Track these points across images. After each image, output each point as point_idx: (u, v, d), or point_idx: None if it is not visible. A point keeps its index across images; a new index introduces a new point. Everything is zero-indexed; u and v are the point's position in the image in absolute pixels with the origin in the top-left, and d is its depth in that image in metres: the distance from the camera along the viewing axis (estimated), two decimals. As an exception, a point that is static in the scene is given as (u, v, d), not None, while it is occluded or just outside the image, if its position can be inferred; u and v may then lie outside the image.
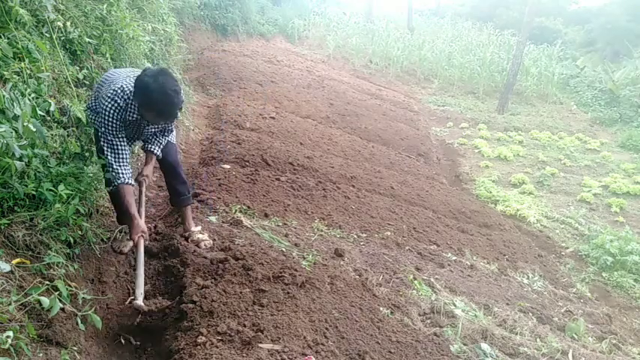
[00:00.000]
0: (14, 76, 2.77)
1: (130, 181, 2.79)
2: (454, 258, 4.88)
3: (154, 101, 2.59)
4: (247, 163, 5.57)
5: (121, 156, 2.74)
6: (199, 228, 3.44)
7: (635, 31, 19.79)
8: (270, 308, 2.82)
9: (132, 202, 2.83)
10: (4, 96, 2.40)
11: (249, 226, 3.98)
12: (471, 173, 9.29)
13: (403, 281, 3.81)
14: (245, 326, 2.58)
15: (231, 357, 2.32)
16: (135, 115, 2.75)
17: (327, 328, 2.80)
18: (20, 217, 2.44)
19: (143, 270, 2.83)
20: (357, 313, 3.06)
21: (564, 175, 9.71)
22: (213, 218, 4.06)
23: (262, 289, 2.98)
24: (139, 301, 2.68)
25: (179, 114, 2.80)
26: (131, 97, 2.70)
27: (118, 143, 2.71)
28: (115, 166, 2.74)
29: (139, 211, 2.95)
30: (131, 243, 3.06)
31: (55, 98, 3.26)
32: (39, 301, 2.14)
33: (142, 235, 2.87)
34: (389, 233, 4.89)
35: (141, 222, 2.87)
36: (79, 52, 3.89)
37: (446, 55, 17.37)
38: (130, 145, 2.98)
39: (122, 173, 2.76)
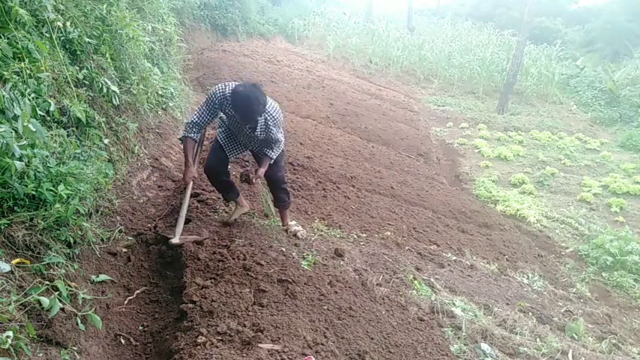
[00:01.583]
0: (14, 76, 2.77)
1: (194, 137, 3.51)
2: (454, 258, 4.88)
3: (238, 103, 3.22)
4: (247, 163, 5.57)
5: (200, 123, 3.49)
6: (294, 222, 4.10)
7: (635, 31, 19.78)
8: (270, 308, 2.82)
9: (190, 152, 3.56)
10: (3, 96, 2.40)
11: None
12: (470, 173, 9.29)
13: (403, 281, 3.81)
14: (245, 326, 2.58)
15: (231, 357, 2.32)
16: (231, 111, 3.42)
17: (327, 328, 2.80)
18: (20, 217, 2.43)
19: (186, 211, 3.53)
20: (357, 313, 3.06)
21: (564, 175, 9.72)
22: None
23: (262, 289, 2.98)
24: (176, 240, 3.34)
25: (254, 119, 3.35)
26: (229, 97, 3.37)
27: (206, 116, 3.48)
28: (192, 125, 3.49)
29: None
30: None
31: (54, 98, 3.26)
32: (39, 301, 2.14)
33: (193, 179, 3.55)
34: (389, 233, 4.89)
35: (192, 168, 3.57)
36: (78, 52, 3.89)
37: (446, 55, 17.37)
38: (241, 152, 3.79)
39: (193, 132, 3.50)
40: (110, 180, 3.56)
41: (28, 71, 2.92)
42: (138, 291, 3.14)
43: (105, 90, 4.02)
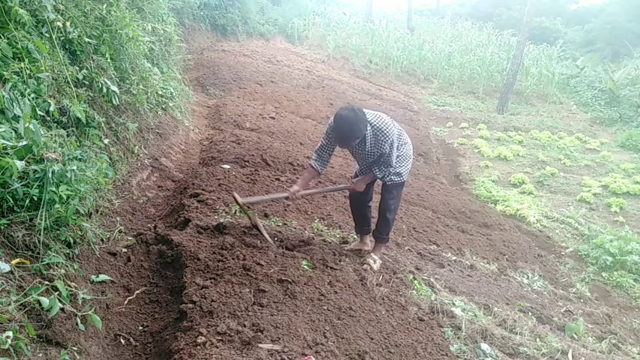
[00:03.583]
0: (14, 76, 2.77)
1: (314, 165, 3.71)
2: (454, 258, 4.88)
3: (336, 127, 3.44)
4: (247, 163, 5.57)
5: (321, 148, 3.69)
6: (377, 257, 3.97)
7: (635, 31, 19.78)
8: (270, 308, 2.81)
9: (305, 177, 3.80)
10: (3, 96, 2.40)
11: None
12: (470, 173, 9.29)
13: (403, 281, 3.81)
14: (245, 326, 2.58)
15: (231, 357, 2.31)
16: None
17: (326, 328, 2.80)
18: (20, 217, 2.43)
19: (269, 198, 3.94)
20: (357, 313, 3.06)
21: (564, 175, 9.72)
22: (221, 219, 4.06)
23: (262, 289, 2.98)
24: (241, 199, 3.72)
25: (350, 144, 3.50)
26: None
27: (324, 143, 3.66)
28: (316, 152, 3.72)
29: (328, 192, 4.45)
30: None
31: (54, 98, 3.26)
32: (39, 301, 2.14)
33: (292, 196, 3.71)
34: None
35: (294, 188, 3.73)
36: (78, 52, 3.89)
37: (446, 55, 17.38)
38: (369, 169, 3.77)
39: (314, 159, 3.71)
40: (110, 180, 3.56)
41: (28, 71, 2.92)
42: (138, 291, 3.14)
43: (105, 90, 4.02)
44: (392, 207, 3.88)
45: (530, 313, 4.05)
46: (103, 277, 2.97)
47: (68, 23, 3.71)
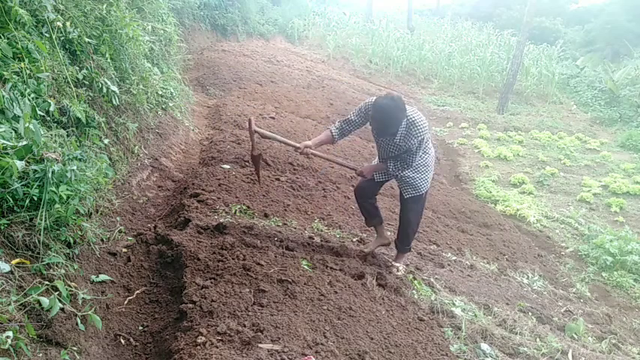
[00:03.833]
0: (14, 76, 2.77)
1: (333, 131, 3.71)
2: (454, 258, 4.87)
3: (375, 115, 3.33)
4: (247, 163, 5.57)
5: (345, 124, 3.69)
6: (399, 265, 4.02)
7: (635, 31, 19.78)
8: (270, 308, 2.82)
9: (319, 137, 3.80)
10: (3, 96, 2.40)
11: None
12: (470, 173, 9.30)
13: (403, 281, 3.81)
14: (245, 326, 2.58)
15: (231, 357, 2.32)
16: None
17: (326, 328, 2.80)
18: (20, 217, 2.43)
19: (278, 138, 3.87)
20: (357, 313, 3.06)
21: (564, 175, 9.72)
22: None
23: (262, 289, 2.98)
24: (252, 119, 3.77)
25: (388, 133, 3.41)
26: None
27: (352, 118, 3.64)
28: (340, 121, 3.74)
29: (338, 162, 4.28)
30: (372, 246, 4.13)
31: (54, 98, 3.26)
32: (39, 301, 2.14)
33: (304, 148, 3.71)
34: (389, 233, 4.89)
35: (306, 143, 3.72)
36: (78, 52, 3.89)
37: (446, 55, 17.38)
38: (384, 160, 3.72)
39: (336, 127, 3.72)
40: (110, 180, 3.56)
41: (28, 71, 2.92)
42: (138, 291, 3.14)
43: (105, 90, 4.02)
44: (412, 221, 3.86)
45: (530, 313, 4.05)
46: (103, 277, 2.98)
47: (68, 23, 3.71)
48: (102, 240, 3.24)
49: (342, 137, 3.73)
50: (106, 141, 3.97)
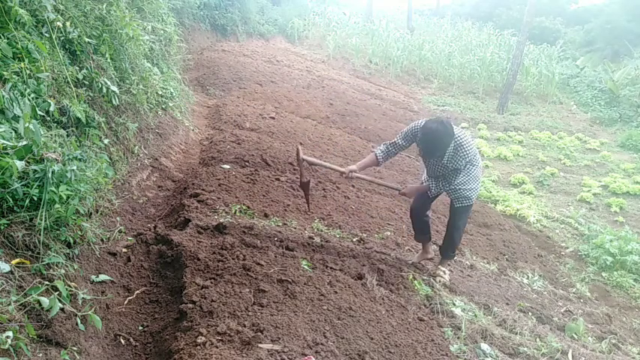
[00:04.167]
0: (14, 76, 2.77)
1: (378, 154, 3.83)
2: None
3: (423, 138, 3.48)
4: (247, 163, 5.57)
5: (391, 146, 3.81)
6: (445, 269, 4.17)
7: (635, 31, 19.78)
8: (270, 308, 2.82)
9: (364, 161, 3.93)
10: (3, 96, 2.40)
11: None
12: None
13: (403, 281, 3.81)
14: (245, 326, 2.58)
15: (231, 357, 2.32)
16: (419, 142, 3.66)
17: (326, 328, 2.80)
18: (20, 217, 2.43)
19: (324, 164, 4.07)
20: (357, 313, 3.06)
21: (564, 175, 9.72)
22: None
23: (262, 289, 2.98)
24: (300, 147, 3.92)
25: (435, 155, 3.55)
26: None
27: (398, 142, 3.76)
28: (382, 146, 3.85)
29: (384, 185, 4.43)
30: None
31: (54, 98, 3.26)
32: (39, 301, 2.14)
33: (349, 172, 3.84)
34: (389, 233, 4.89)
35: (351, 167, 3.88)
36: (78, 52, 3.89)
37: (446, 55, 17.37)
38: (433, 180, 3.82)
39: (381, 150, 3.84)
40: (110, 180, 3.56)
41: (28, 71, 2.92)
42: (138, 291, 3.14)
43: (105, 90, 4.02)
44: (460, 228, 4.02)
45: (530, 313, 4.05)
46: (103, 277, 2.98)
47: (68, 23, 3.71)
48: (102, 240, 3.24)
49: (386, 160, 3.87)
50: (106, 141, 3.97)
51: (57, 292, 2.29)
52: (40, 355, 2.11)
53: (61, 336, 2.25)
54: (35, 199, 2.45)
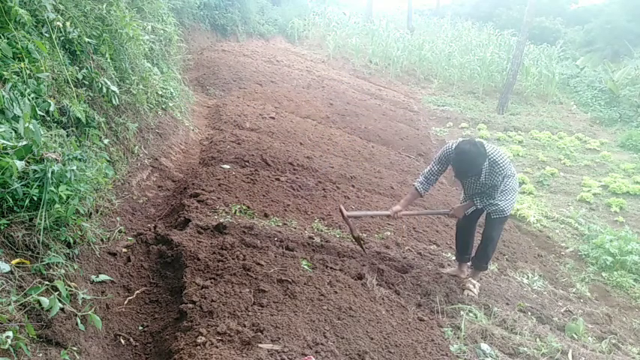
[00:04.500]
0: (14, 76, 2.77)
1: (418, 187, 3.90)
2: (454, 258, 4.86)
3: (456, 160, 3.59)
4: (247, 163, 5.57)
5: (429, 174, 3.88)
6: (475, 282, 4.16)
7: (635, 31, 19.77)
8: (270, 308, 2.82)
9: (407, 198, 4.00)
10: (3, 96, 2.40)
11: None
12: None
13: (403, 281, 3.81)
14: (245, 326, 2.58)
15: (231, 357, 2.32)
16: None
17: (326, 328, 2.80)
18: (20, 217, 2.43)
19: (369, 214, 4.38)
20: (357, 313, 3.06)
21: (564, 175, 9.72)
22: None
23: (262, 289, 2.98)
24: (342, 207, 4.03)
25: (468, 176, 3.68)
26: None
27: (434, 169, 3.85)
28: (423, 175, 3.92)
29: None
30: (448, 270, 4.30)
31: (54, 98, 3.26)
32: (39, 301, 2.14)
33: (394, 213, 3.92)
34: (389, 233, 4.89)
35: (396, 208, 3.96)
36: (78, 52, 3.89)
37: (446, 55, 17.37)
38: (471, 198, 3.89)
39: (420, 182, 3.91)
40: (110, 180, 3.56)
41: (28, 71, 2.92)
42: (138, 291, 3.14)
43: (104, 90, 4.02)
44: (494, 239, 4.05)
45: (530, 313, 4.05)
46: (103, 277, 2.98)
47: (68, 23, 3.71)
48: (102, 240, 3.24)
49: (427, 190, 3.95)
50: (106, 141, 3.97)
51: (57, 292, 2.29)
52: (40, 355, 2.11)
53: (61, 336, 2.25)
54: (35, 199, 2.45)
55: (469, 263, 4.23)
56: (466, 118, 13.18)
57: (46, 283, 2.33)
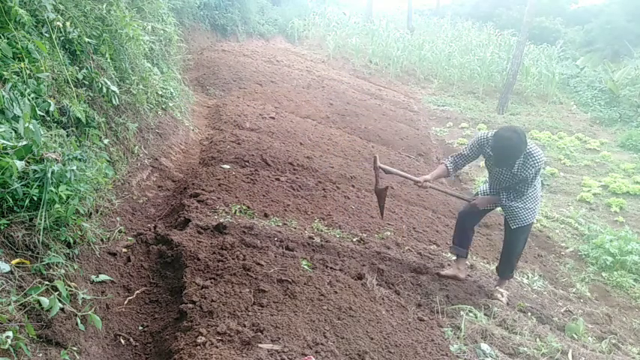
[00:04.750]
0: (14, 76, 2.77)
1: (448, 165, 3.89)
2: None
3: (497, 146, 3.47)
4: (247, 163, 5.57)
5: (458, 158, 3.89)
6: (503, 290, 4.16)
7: (635, 31, 19.76)
8: (270, 308, 2.82)
9: (436, 172, 3.95)
10: (3, 96, 2.40)
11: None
12: (470, 173, 9.29)
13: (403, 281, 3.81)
14: (245, 326, 2.58)
15: (231, 357, 2.32)
16: (489, 151, 3.68)
17: (326, 328, 2.80)
18: (20, 217, 2.43)
19: (399, 173, 4.11)
20: (357, 313, 3.06)
21: (564, 175, 9.71)
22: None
23: (262, 289, 2.98)
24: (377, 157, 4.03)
25: (508, 164, 3.55)
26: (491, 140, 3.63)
27: (465, 153, 3.85)
28: (454, 156, 3.92)
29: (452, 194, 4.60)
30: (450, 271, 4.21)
31: (54, 98, 3.26)
32: (39, 301, 2.14)
33: (423, 181, 3.89)
34: (389, 233, 4.89)
35: (425, 177, 3.91)
36: (78, 52, 3.89)
37: (446, 55, 17.36)
38: (498, 193, 3.86)
39: (450, 161, 3.90)
40: (110, 180, 3.56)
41: (28, 71, 2.92)
42: (138, 291, 3.14)
43: (104, 90, 4.02)
44: (517, 250, 4.03)
45: (530, 313, 4.05)
46: (103, 277, 2.98)
47: (68, 23, 3.71)
48: (102, 240, 3.24)
49: (456, 171, 3.95)
50: (105, 141, 3.97)
51: (57, 292, 2.29)
52: (40, 355, 2.11)
53: (61, 336, 2.25)
54: (35, 199, 2.45)
55: (467, 262, 4.22)
56: (466, 118, 13.18)
57: (46, 283, 2.33)
